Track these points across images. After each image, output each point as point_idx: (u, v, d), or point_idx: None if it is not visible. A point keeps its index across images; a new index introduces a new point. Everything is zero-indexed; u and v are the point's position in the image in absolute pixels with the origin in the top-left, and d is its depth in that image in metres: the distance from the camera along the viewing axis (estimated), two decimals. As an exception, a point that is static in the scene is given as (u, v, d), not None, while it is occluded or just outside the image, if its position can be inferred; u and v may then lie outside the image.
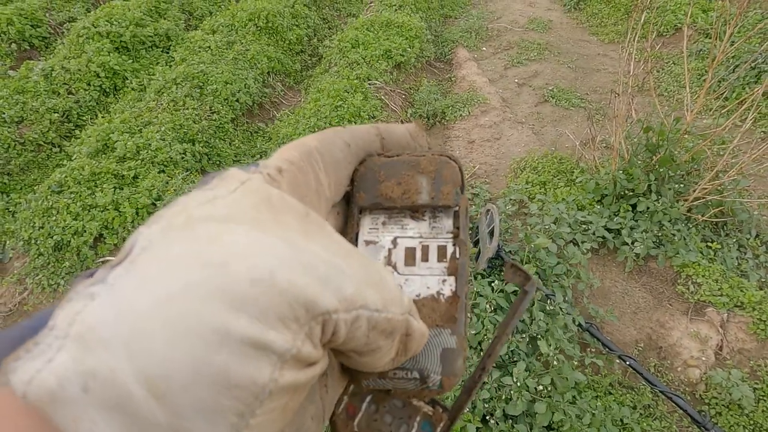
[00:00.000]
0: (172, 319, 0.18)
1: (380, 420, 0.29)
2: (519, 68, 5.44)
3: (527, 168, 3.72)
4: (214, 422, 0.18)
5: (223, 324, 0.18)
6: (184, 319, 0.18)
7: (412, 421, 0.28)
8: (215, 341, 0.18)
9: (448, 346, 0.27)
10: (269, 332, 0.19)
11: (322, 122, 4.03)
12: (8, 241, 3.25)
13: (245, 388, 0.19)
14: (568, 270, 2.81)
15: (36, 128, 4.09)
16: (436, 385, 0.27)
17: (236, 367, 0.19)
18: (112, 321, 0.18)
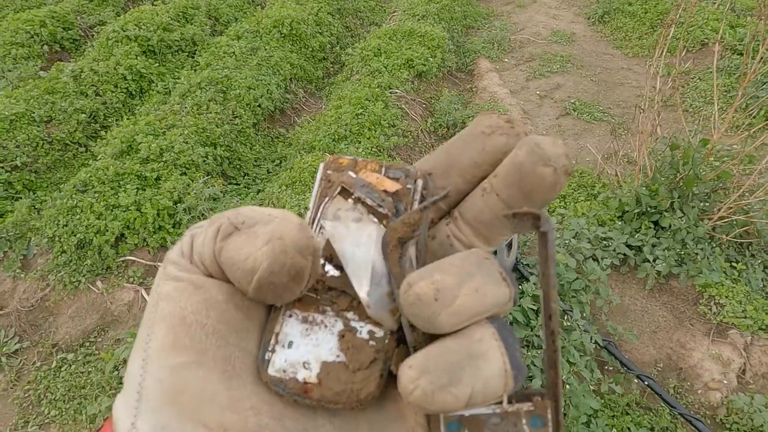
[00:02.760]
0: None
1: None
2: (541, 80, 5.42)
3: (547, 181, 3.69)
4: None
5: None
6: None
7: (520, 427, 0.26)
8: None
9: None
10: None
11: (343, 129, 4.05)
12: (33, 238, 3.32)
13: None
14: (586, 286, 2.77)
15: (64, 128, 4.19)
16: (521, 382, 0.26)
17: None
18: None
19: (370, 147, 3.90)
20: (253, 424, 0.25)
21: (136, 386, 0.25)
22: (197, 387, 0.25)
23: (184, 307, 0.26)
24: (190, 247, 0.28)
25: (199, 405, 0.25)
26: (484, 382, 0.23)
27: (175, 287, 0.27)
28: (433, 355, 0.24)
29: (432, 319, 0.23)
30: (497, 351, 0.24)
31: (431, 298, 0.23)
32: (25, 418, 2.65)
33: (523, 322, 2.58)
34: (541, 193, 0.26)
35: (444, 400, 0.23)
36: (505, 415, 0.26)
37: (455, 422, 0.26)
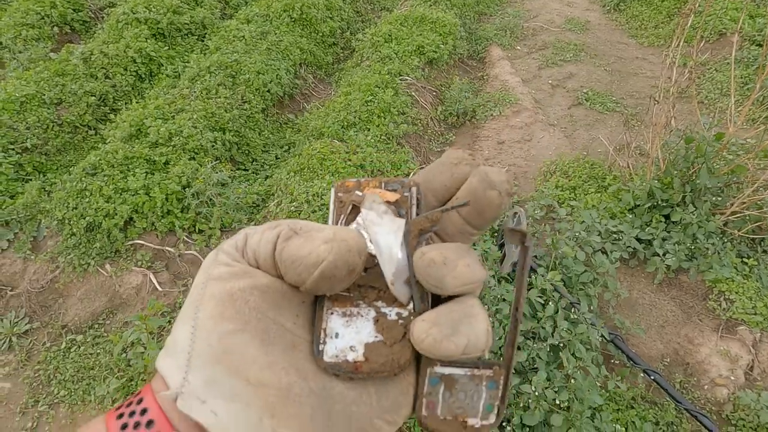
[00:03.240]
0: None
1: (457, 400, 0.34)
2: (553, 69, 5.34)
3: (557, 172, 3.65)
4: None
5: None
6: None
7: (480, 387, 0.34)
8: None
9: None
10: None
11: (352, 116, 4.02)
12: (43, 220, 3.34)
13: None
14: (595, 279, 2.75)
15: (73, 110, 4.19)
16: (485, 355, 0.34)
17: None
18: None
19: (380, 134, 3.87)
20: (285, 381, 0.31)
21: (186, 348, 0.30)
22: (240, 350, 0.30)
23: (233, 286, 0.32)
24: (244, 243, 0.34)
25: (241, 364, 0.30)
26: (475, 336, 0.31)
27: (227, 271, 0.32)
28: (441, 313, 0.31)
29: (441, 279, 0.31)
30: (484, 315, 0.32)
31: (441, 263, 0.31)
32: (35, 397, 2.70)
33: (529, 314, 2.57)
34: (490, 212, 0.34)
35: (447, 347, 0.30)
36: (473, 377, 0.34)
37: (436, 378, 0.33)
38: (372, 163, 3.56)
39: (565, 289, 2.66)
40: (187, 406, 0.29)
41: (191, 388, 0.29)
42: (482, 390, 0.34)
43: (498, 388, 0.34)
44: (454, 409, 0.34)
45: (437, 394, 0.34)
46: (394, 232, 0.35)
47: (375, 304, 0.35)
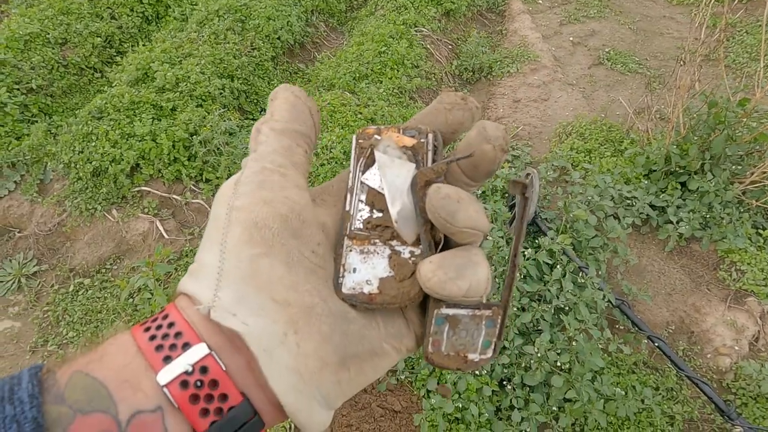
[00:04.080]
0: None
1: (459, 337, 0.36)
2: (575, 26, 5.12)
3: (573, 133, 3.55)
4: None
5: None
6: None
7: (480, 326, 0.36)
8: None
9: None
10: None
11: (364, 68, 3.90)
12: (50, 163, 3.32)
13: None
14: (605, 244, 2.71)
15: (79, 51, 4.09)
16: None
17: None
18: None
19: (392, 88, 3.76)
20: (308, 301, 0.33)
21: (216, 269, 0.32)
22: (267, 271, 0.32)
23: (257, 215, 0.33)
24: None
25: (269, 284, 0.32)
26: (477, 281, 0.33)
27: (249, 201, 0.34)
28: (447, 257, 0.33)
29: (453, 214, 0.32)
30: (486, 263, 0.34)
31: (456, 200, 0.32)
32: (44, 337, 2.75)
33: (536, 276, 2.55)
34: (484, 165, 0.35)
35: (451, 289, 0.32)
36: (473, 317, 0.36)
37: (442, 318, 0.36)
38: (383, 117, 3.47)
39: (574, 253, 2.63)
40: (219, 317, 0.30)
41: (222, 303, 0.31)
42: (481, 328, 0.36)
43: (495, 326, 0.37)
44: (456, 345, 0.36)
45: (442, 333, 0.36)
46: (402, 175, 0.37)
47: (390, 242, 0.37)
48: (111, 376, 0.29)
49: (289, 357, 0.31)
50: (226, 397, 0.30)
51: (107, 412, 0.28)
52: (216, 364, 0.31)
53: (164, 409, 0.29)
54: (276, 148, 0.36)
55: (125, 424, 0.28)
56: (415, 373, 2.39)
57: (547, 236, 2.62)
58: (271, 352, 0.31)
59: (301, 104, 0.38)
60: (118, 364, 0.30)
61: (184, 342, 0.31)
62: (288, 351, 0.31)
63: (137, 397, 0.29)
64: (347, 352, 0.34)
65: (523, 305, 2.44)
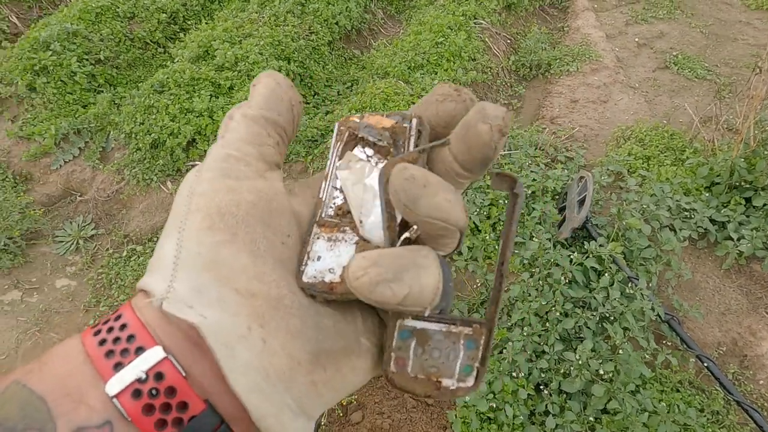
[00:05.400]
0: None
1: (430, 357, 0.31)
2: (642, 26, 4.91)
3: (632, 138, 3.42)
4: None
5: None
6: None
7: (457, 346, 0.31)
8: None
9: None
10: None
11: (420, 57, 3.87)
12: (112, 132, 3.46)
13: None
14: (658, 255, 2.61)
15: (145, 26, 4.23)
16: (447, 310, 0.32)
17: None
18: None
19: (447, 79, 3.72)
20: (275, 293, 0.30)
21: (171, 259, 0.29)
22: (230, 260, 0.29)
23: (220, 201, 0.30)
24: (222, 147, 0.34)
25: (231, 274, 0.29)
26: (420, 288, 0.28)
27: (211, 187, 0.31)
28: (386, 254, 0.28)
29: (416, 199, 0.27)
30: (436, 269, 0.29)
31: (421, 184, 0.27)
32: (97, 298, 2.89)
33: (582, 282, 2.49)
34: (478, 148, 0.30)
35: (383, 293, 0.27)
36: (449, 334, 0.31)
37: (407, 331, 0.31)
38: (436, 108, 3.44)
39: (624, 262, 2.55)
40: (173, 308, 0.27)
41: (177, 294, 0.28)
42: (459, 349, 0.31)
43: (478, 348, 0.31)
44: (426, 367, 0.31)
45: (408, 349, 0.31)
46: (363, 182, 0.34)
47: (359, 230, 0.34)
48: (51, 388, 0.26)
49: (253, 354, 0.28)
50: (186, 405, 0.27)
51: (43, 429, 0.24)
52: (173, 370, 0.27)
53: (113, 424, 0.26)
54: (244, 136, 0.33)
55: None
56: (450, 368, 2.38)
57: (597, 242, 2.55)
58: (232, 348, 0.27)
59: (281, 92, 0.35)
60: (60, 373, 0.26)
61: (137, 346, 0.27)
62: (251, 347, 0.28)
63: (80, 412, 0.25)
64: (320, 348, 0.30)
65: (567, 311, 2.39)
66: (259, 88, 0.35)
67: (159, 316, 0.28)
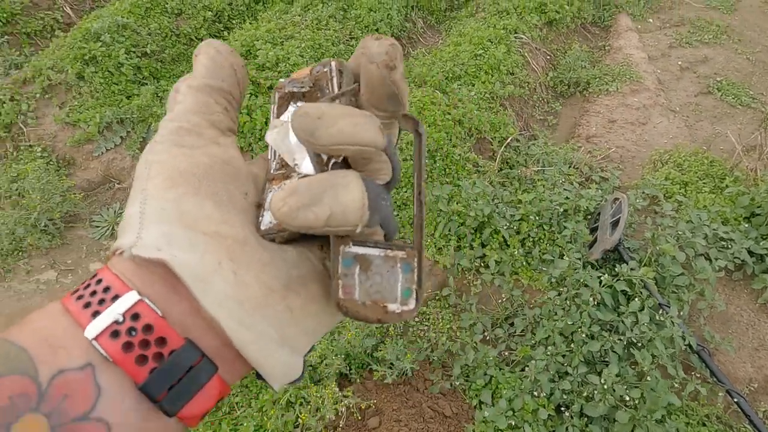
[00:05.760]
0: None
1: (374, 282, 0.32)
2: (686, 49, 4.82)
3: (670, 163, 3.35)
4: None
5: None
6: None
7: (395, 269, 0.33)
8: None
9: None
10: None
11: (458, 68, 3.87)
12: (153, 124, 3.55)
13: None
14: (691, 284, 2.55)
15: (191, 23, 4.34)
16: (393, 235, 0.35)
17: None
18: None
19: (484, 92, 3.71)
20: (241, 235, 0.31)
21: (137, 218, 0.30)
22: (194, 209, 0.30)
23: (177, 163, 0.32)
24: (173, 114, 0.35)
25: (197, 220, 0.30)
26: (342, 207, 0.28)
27: (168, 155, 0.32)
28: (303, 182, 0.29)
29: (313, 131, 0.28)
30: (358, 187, 0.29)
31: (315, 116, 0.28)
32: (128, 283, 2.95)
33: (610, 305, 2.44)
34: (377, 87, 0.32)
35: (306, 217, 0.28)
36: (387, 258, 0.33)
37: (350, 258, 0.32)
38: (470, 120, 3.43)
39: (655, 288, 2.49)
40: (142, 251, 0.28)
41: (145, 241, 0.28)
42: (398, 273, 0.33)
43: (413, 270, 0.33)
44: (372, 293, 0.32)
45: (353, 276, 0.32)
46: (287, 133, 0.35)
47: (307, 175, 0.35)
48: (31, 339, 0.26)
49: (227, 285, 0.29)
50: (164, 341, 0.28)
51: (25, 373, 0.25)
52: (149, 309, 0.28)
53: (95, 366, 0.26)
54: (191, 107, 0.34)
55: (46, 384, 0.25)
56: (470, 381, 2.36)
57: (628, 265, 2.50)
58: (205, 281, 0.28)
59: (221, 59, 0.35)
60: (39, 327, 0.27)
61: (113, 295, 0.28)
62: (224, 279, 0.29)
63: (59, 356, 0.26)
64: (290, 275, 0.32)
65: (593, 333, 2.35)
66: (201, 59, 0.35)
67: (132, 266, 0.29)
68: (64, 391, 0.25)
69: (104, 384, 0.26)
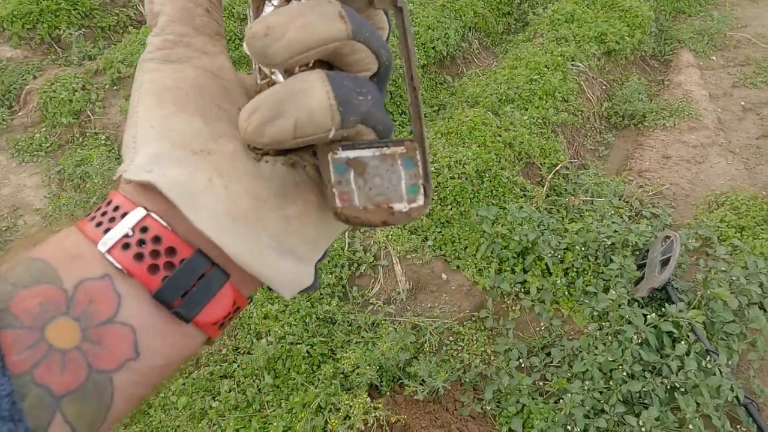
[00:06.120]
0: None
1: (374, 185, 0.30)
2: (750, 90, 4.66)
3: (726, 205, 3.24)
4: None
5: None
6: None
7: (396, 167, 0.30)
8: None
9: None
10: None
11: (512, 92, 3.86)
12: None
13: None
14: (742, 333, 2.45)
15: (255, 28, 4.50)
16: (387, 132, 0.31)
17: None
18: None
19: (536, 117, 3.69)
20: (229, 149, 0.30)
21: (131, 142, 0.30)
22: (183, 126, 0.30)
23: (164, 80, 0.31)
24: (154, 25, 0.33)
25: (185, 138, 0.30)
26: (308, 113, 0.27)
27: (157, 74, 0.31)
28: (262, 97, 0.27)
29: (264, 51, 0.26)
30: (321, 88, 0.27)
31: (262, 35, 0.26)
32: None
33: (655, 346, 2.37)
34: None
35: (272, 132, 0.27)
36: (384, 158, 0.30)
37: (342, 164, 0.30)
38: (521, 144, 3.41)
39: (704, 333, 2.40)
40: (133, 175, 0.28)
41: (136, 164, 0.29)
42: (399, 170, 0.30)
43: (417, 165, 0.30)
44: (373, 196, 0.30)
45: (348, 182, 0.30)
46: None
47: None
48: (51, 253, 0.28)
49: (218, 201, 0.29)
50: (174, 250, 0.29)
51: (51, 282, 0.26)
52: (156, 222, 0.29)
53: (112, 276, 0.28)
54: (172, 16, 0.32)
55: (72, 291, 0.26)
56: (501, 407, 2.32)
57: (677, 306, 2.42)
58: (195, 198, 0.28)
59: None
60: (58, 244, 0.29)
61: (122, 213, 0.29)
62: (215, 195, 0.29)
63: (80, 266, 0.27)
64: (285, 184, 0.31)
65: (634, 372, 2.27)
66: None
67: (135, 188, 0.30)
68: (89, 297, 0.27)
69: (123, 292, 0.27)
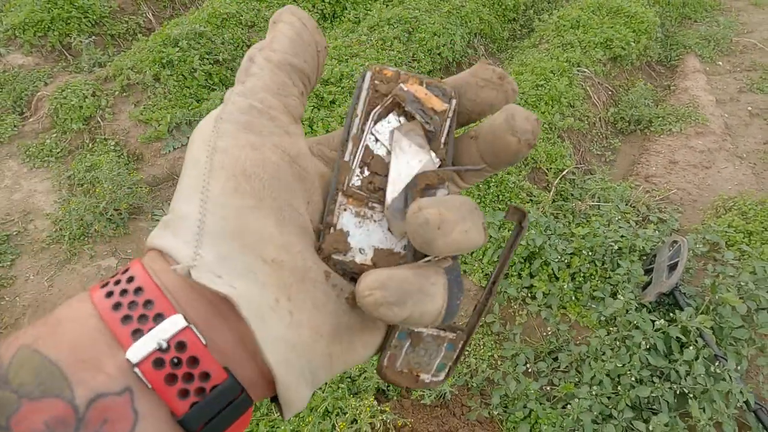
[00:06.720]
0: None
1: (417, 356, 0.35)
2: (756, 95, 4.65)
3: (734, 210, 3.23)
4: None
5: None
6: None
7: (441, 347, 0.35)
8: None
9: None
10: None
11: (519, 97, 3.87)
12: (219, 127, 3.71)
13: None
14: (751, 338, 2.43)
15: (263, 35, 4.54)
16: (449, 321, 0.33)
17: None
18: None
19: (542, 122, 3.69)
20: (300, 264, 0.29)
21: (196, 223, 0.27)
22: (257, 227, 0.28)
23: (244, 160, 0.29)
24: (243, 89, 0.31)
25: (258, 242, 0.28)
26: (421, 313, 0.28)
27: (234, 144, 0.29)
28: (394, 278, 0.28)
29: (431, 242, 0.27)
30: (442, 297, 0.29)
31: (435, 226, 0.27)
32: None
33: (663, 351, 2.36)
34: (506, 156, 0.31)
35: (385, 313, 0.27)
36: (437, 338, 0.35)
37: (405, 333, 0.34)
38: (528, 149, 3.42)
39: (712, 338, 2.39)
40: (204, 278, 0.26)
41: (205, 262, 0.26)
42: (441, 350, 0.35)
43: (455, 350, 0.35)
44: (411, 363, 0.35)
45: (401, 348, 0.34)
46: (411, 165, 0.32)
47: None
48: (65, 354, 0.24)
49: (282, 326, 0.28)
50: (208, 375, 0.26)
51: (61, 396, 0.23)
52: (195, 339, 0.26)
53: (133, 391, 0.25)
54: (268, 84, 0.30)
55: (84, 408, 0.23)
56: (508, 412, 2.32)
57: (685, 312, 2.41)
58: (263, 319, 0.27)
59: (307, 35, 0.32)
60: (72, 338, 0.25)
61: (156, 313, 0.26)
62: (280, 319, 0.28)
63: (98, 379, 0.24)
64: (340, 322, 0.30)
65: (642, 377, 2.27)
66: (284, 29, 0.32)
67: (179, 282, 0.27)
68: (104, 416, 0.24)
69: (141, 410, 0.25)
